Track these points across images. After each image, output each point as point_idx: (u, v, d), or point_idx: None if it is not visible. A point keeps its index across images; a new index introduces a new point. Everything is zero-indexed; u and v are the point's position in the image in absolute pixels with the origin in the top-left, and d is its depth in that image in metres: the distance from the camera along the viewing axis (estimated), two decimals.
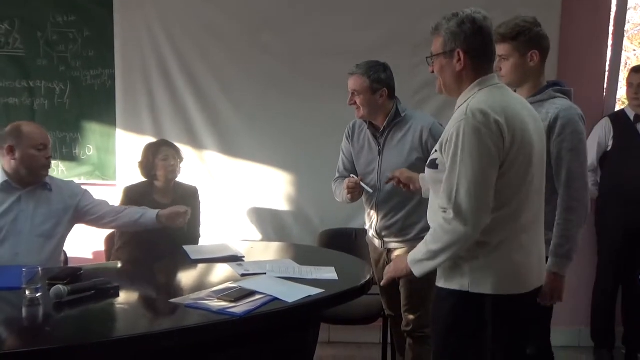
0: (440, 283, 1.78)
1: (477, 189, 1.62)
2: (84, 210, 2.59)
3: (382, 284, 1.97)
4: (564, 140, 2.02)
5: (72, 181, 2.76)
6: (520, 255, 1.72)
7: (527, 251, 1.74)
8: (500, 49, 2.09)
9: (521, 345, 1.85)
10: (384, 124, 2.52)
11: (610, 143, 3.30)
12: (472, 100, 1.70)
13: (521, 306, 1.76)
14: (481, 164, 1.62)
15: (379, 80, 2.46)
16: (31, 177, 2.46)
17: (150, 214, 2.57)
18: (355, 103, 2.49)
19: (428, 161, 1.85)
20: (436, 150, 1.80)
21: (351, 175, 2.52)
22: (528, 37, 2.10)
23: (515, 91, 2.11)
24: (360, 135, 2.64)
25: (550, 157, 2.03)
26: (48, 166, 2.50)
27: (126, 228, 2.69)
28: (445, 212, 1.67)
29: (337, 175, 2.75)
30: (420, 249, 1.75)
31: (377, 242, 2.62)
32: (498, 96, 1.73)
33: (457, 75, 1.76)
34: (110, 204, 2.72)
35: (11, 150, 2.41)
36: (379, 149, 2.55)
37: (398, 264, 1.88)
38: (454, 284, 1.73)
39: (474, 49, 1.73)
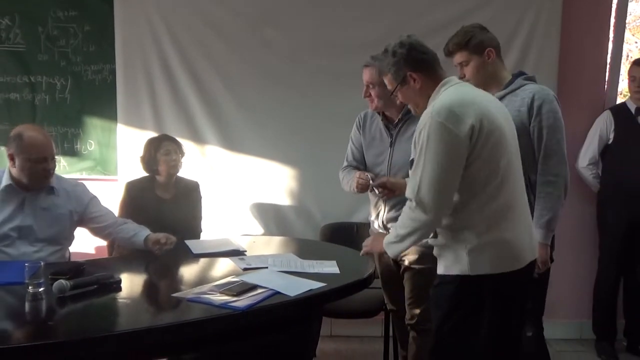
0: (441, 270, 1.87)
1: (438, 184, 1.75)
2: (88, 218, 2.58)
3: (361, 253, 2.18)
4: (541, 120, 2.20)
5: (81, 184, 2.69)
6: (509, 233, 1.83)
7: (516, 228, 1.85)
8: (459, 57, 2.30)
9: (517, 321, 1.95)
10: (399, 116, 2.51)
11: (612, 136, 3.29)
12: (437, 98, 1.84)
13: (518, 282, 1.85)
14: (443, 160, 1.74)
15: None
16: (32, 185, 2.44)
17: (141, 235, 2.54)
18: (370, 95, 2.48)
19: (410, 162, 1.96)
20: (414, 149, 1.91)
21: (367, 174, 2.48)
22: (479, 39, 2.29)
23: None
24: (372, 125, 2.63)
25: (532, 137, 2.22)
26: (47, 177, 2.45)
27: (120, 242, 2.70)
28: (410, 201, 1.83)
29: (346, 164, 2.73)
30: (392, 232, 1.94)
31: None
32: (461, 91, 1.86)
33: (419, 92, 1.92)
34: (115, 215, 2.72)
35: (12, 158, 2.39)
36: (391, 141, 2.54)
37: (375, 242, 2.08)
38: (455, 269, 1.82)
39: (418, 64, 1.90)
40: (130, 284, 2.15)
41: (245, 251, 2.55)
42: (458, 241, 1.81)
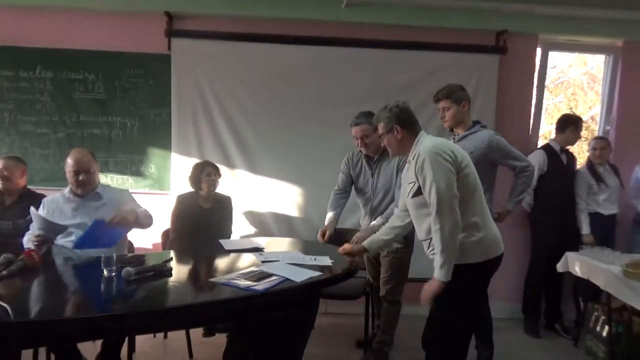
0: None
1: (448, 192, 1.79)
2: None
3: (422, 302, 1.89)
4: (499, 149, 2.51)
5: (126, 191, 2.64)
6: (493, 227, 1.94)
7: (493, 224, 1.95)
8: (443, 104, 2.54)
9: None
10: (377, 155, 2.65)
11: (545, 169, 3.29)
12: (421, 146, 1.89)
13: (498, 262, 1.95)
14: (446, 176, 1.80)
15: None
16: (75, 190, 2.44)
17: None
18: (365, 145, 2.60)
19: (412, 192, 1.93)
20: (414, 182, 1.91)
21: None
22: (460, 94, 2.55)
23: (452, 129, 2.56)
24: (358, 163, 2.74)
25: (503, 161, 2.54)
26: (78, 185, 2.41)
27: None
28: (433, 213, 1.80)
29: (337, 187, 2.82)
30: (436, 260, 1.81)
31: None
32: (436, 139, 1.96)
33: (399, 142, 1.99)
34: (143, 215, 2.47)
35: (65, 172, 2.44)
36: (372, 172, 2.68)
37: (428, 286, 1.86)
38: (462, 261, 1.84)
39: (403, 122, 1.97)
40: (179, 271, 2.14)
41: (263, 248, 2.56)
42: (463, 240, 1.83)
